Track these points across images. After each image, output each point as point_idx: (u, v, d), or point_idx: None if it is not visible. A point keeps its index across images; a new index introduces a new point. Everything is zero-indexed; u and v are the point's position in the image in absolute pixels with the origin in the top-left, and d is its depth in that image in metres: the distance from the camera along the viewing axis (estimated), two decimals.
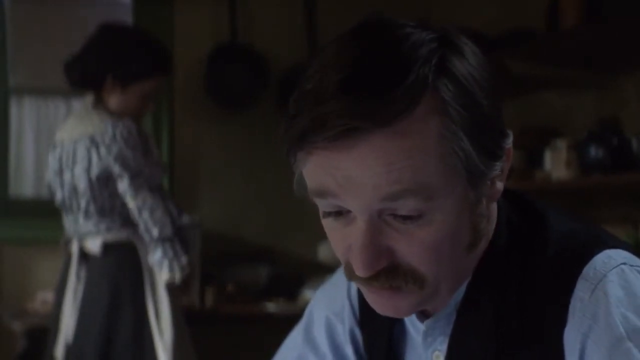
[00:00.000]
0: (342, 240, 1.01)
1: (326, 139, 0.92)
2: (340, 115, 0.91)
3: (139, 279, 3.01)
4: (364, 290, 1.05)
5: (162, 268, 2.94)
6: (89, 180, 2.96)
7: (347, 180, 0.94)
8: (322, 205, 1.00)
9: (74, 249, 3.07)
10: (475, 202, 1.00)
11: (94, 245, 3.02)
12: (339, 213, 0.99)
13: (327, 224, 1.02)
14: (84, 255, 3.07)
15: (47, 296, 3.59)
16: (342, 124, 0.91)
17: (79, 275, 3.05)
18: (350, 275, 1.01)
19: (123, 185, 2.94)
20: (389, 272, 0.98)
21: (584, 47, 3.48)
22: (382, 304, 1.04)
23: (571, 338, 0.98)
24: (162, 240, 2.93)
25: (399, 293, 1.01)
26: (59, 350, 3.03)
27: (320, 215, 1.02)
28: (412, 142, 0.92)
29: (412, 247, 0.97)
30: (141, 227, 2.95)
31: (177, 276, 2.95)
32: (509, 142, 1.02)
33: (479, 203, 1.01)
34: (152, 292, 2.99)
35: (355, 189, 0.94)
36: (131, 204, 2.95)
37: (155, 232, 2.93)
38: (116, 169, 2.92)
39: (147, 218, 2.93)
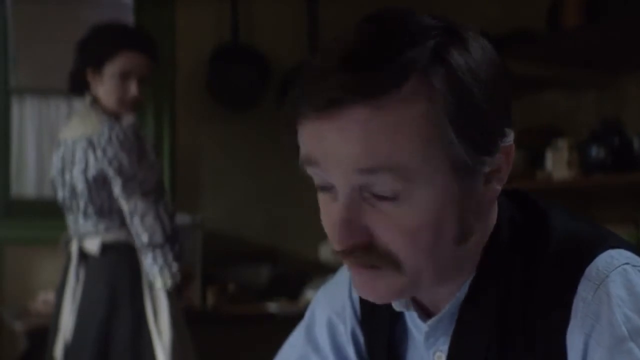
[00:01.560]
0: (328, 216, 1.03)
1: (313, 109, 0.97)
2: (328, 87, 0.95)
3: (138, 279, 3.00)
4: (350, 271, 1.06)
5: (152, 275, 2.94)
6: (87, 181, 2.96)
7: (329, 150, 0.97)
8: (313, 176, 1.03)
9: (74, 249, 3.07)
10: (462, 195, 0.99)
11: (92, 246, 3.02)
12: (328, 189, 1.02)
13: (319, 199, 1.05)
14: (83, 256, 3.06)
15: (48, 296, 3.58)
16: (329, 96, 0.94)
17: (78, 276, 3.05)
18: (334, 252, 1.03)
19: (117, 189, 2.94)
20: (365, 249, 1.00)
21: (586, 47, 3.48)
22: (362, 285, 1.04)
23: (573, 338, 0.98)
24: (152, 246, 2.92)
25: (378, 275, 1.02)
26: (58, 350, 3.03)
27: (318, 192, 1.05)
28: (393, 120, 0.94)
29: (389, 230, 0.98)
30: (132, 232, 2.96)
31: (168, 283, 2.94)
32: (508, 140, 1.02)
33: (466, 197, 1.00)
34: (151, 292, 2.99)
35: (335, 160, 0.97)
36: (124, 207, 2.96)
37: (144, 238, 2.93)
38: (110, 171, 2.92)
39: (138, 224, 2.93)
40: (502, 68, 1.02)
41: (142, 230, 2.92)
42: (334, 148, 0.96)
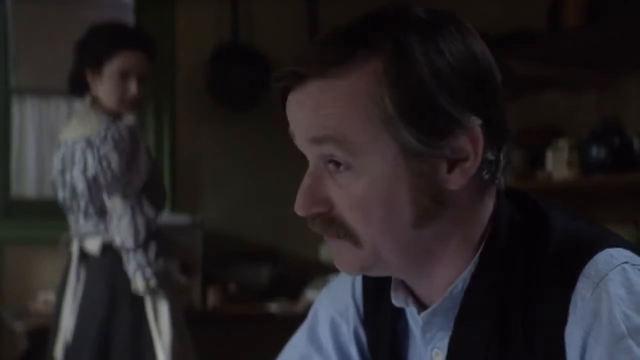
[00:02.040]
0: None
1: (285, 85, 1.05)
2: (296, 63, 1.03)
3: None
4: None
5: (130, 276, 2.94)
6: (86, 181, 2.96)
7: (294, 122, 1.06)
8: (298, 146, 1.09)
9: (74, 249, 3.07)
10: (413, 176, 1.02)
11: (93, 246, 3.02)
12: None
13: None
14: (83, 256, 3.06)
15: (48, 296, 3.58)
16: (295, 71, 1.02)
17: (78, 276, 3.05)
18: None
19: (104, 187, 2.95)
20: (324, 219, 1.06)
21: (586, 47, 3.48)
22: (335, 256, 1.10)
23: (572, 335, 0.99)
24: (124, 249, 2.92)
25: (342, 246, 1.07)
26: (58, 350, 3.03)
27: None
28: (339, 93, 1.01)
29: (343, 200, 1.04)
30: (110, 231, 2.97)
31: (140, 286, 2.93)
32: (471, 127, 1.02)
33: (419, 179, 1.02)
34: (152, 292, 2.98)
35: (298, 131, 1.06)
36: (107, 205, 2.97)
37: (117, 240, 2.92)
38: (98, 169, 2.92)
39: (115, 225, 2.93)
40: (484, 60, 1.05)
41: (116, 232, 2.92)
42: (296, 119, 1.05)
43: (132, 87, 3.04)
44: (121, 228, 2.91)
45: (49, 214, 3.83)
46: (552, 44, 3.61)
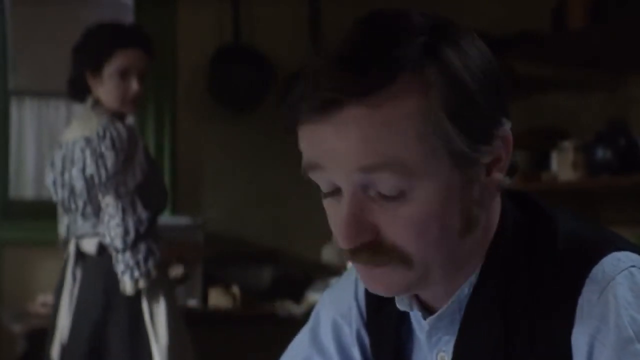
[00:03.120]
0: (335, 218, 1.03)
1: (308, 112, 0.98)
2: (324, 88, 0.96)
3: None
4: (358, 269, 1.06)
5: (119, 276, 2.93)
6: (85, 180, 2.95)
7: (329, 152, 0.98)
8: (318, 182, 1.03)
9: (71, 249, 3.07)
10: (464, 186, 1.00)
11: (90, 246, 3.02)
12: (334, 192, 1.02)
13: (325, 204, 1.05)
14: (80, 256, 3.06)
15: (47, 298, 3.57)
16: (325, 96, 0.96)
17: (74, 276, 3.05)
18: (342, 252, 1.03)
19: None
20: (372, 248, 1.00)
21: (591, 48, 3.49)
22: (372, 280, 1.05)
23: (579, 339, 0.98)
24: (114, 249, 2.92)
25: (386, 271, 1.02)
26: (55, 351, 3.02)
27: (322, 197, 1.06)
28: (387, 117, 0.95)
29: (396, 226, 0.99)
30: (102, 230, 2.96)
31: (127, 287, 2.91)
32: (505, 129, 1.02)
33: (468, 188, 1.01)
34: (148, 293, 2.97)
35: (336, 161, 0.98)
36: (102, 204, 2.95)
37: (107, 239, 2.92)
38: (94, 167, 2.91)
39: (105, 224, 2.93)
40: (493, 60, 1.04)
41: (107, 232, 2.92)
42: (333, 149, 0.98)
43: (134, 85, 3.04)
44: (111, 228, 2.91)
45: (47, 216, 3.81)
46: (558, 44, 3.61)
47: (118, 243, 2.90)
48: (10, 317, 3.73)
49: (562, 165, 3.46)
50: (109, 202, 2.93)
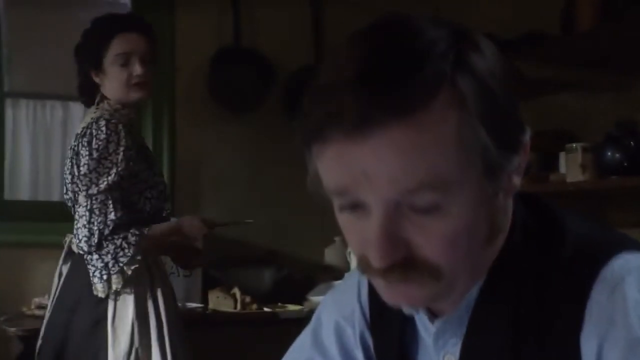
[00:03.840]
0: (357, 234, 0.99)
1: (341, 131, 0.92)
2: (356, 107, 0.90)
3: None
4: (378, 282, 1.02)
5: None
6: (69, 178, 2.95)
7: (363, 173, 0.93)
8: (338, 198, 0.99)
9: (65, 246, 3.05)
10: (493, 195, 0.99)
11: (74, 244, 2.98)
12: (355, 207, 0.98)
13: (343, 218, 1.01)
14: (70, 254, 3.04)
15: (43, 300, 3.56)
16: (357, 116, 0.90)
17: (61, 273, 3.04)
18: (366, 269, 1.00)
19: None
20: (404, 264, 0.97)
21: (600, 49, 3.48)
22: (397, 295, 1.02)
23: (588, 341, 0.97)
24: (81, 250, 2.89)
25: (413, 286, 0.99)
26: (37, 347, 3.01)
27: (336, 209, 1.01)
28: (429, 135, 0.92)
29: (429, 240, 0.96)
30: None
31: (98, 289, 2.87)
32: (527, 136, 1.01)
33: (496, 196, 1.00)
34: (115, 297, 2.90)
35: (370, 183, 0.93)
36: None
37: (75, 239, 2.90)
38: (70, 164, 2.91)
39: (75, 224, 2.90)
40: (506, 61, 1.01)
41: (75, 232, 2.89)
42: (368, 171, 0.93)
43: (137, 67, 2.98)
44: (78, 230, 2.88)
45: (42, 218, 3.82)
46: (566, 46, 3.60)
47: (83, 245, 2.86)
48: (5, 318, 3.72)
49: (571, 167, 3.45)
50: (80, 202, 2.89)
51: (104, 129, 2.88)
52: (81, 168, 2.88)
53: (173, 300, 3.12)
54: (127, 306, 2.91)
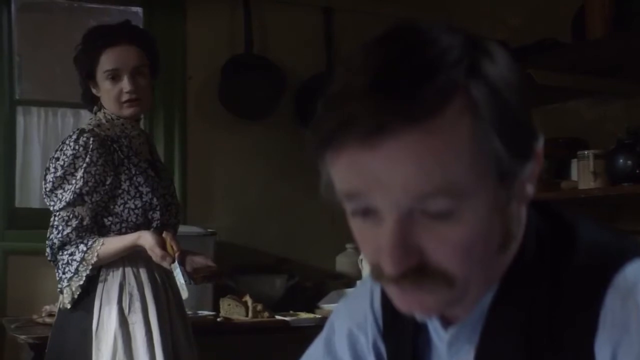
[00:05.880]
0: (370, 240, 0.99)
1: (355, 138, 0.92)
2: (369, 114, 0.91)
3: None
4: (391, 289, 1.02)
5: None
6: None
7: (376, 180, 0.93)
8: (351, 205, 0.99)
9: None
10: (506, 203, 0.99)
11: None
12: (368, 213, 0.97)
13: (356, 224, 1.01)
14: None
15: (53, 308, 3.55)
16: (371, 122, 0.91)
17: None
18: (378, 276, 1.00)
19: None
20: (417, 271, 0.97)
21: (611, 57, 3.47)
22: (410, 302, 1.01)
23: (602, 348, 0.97)
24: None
25: (426, 292, 0.99)
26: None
27: (348, 215, 1.01)
28: (442, 142, 0.92)
29: (442, 247, 0.96)
30: None
31: (65, 298, 2.87)
32: (540, 144, 1.01)
33: (509, 204, 1.00)
34: (100, 305, 2.88)
35: (384, 189, 0.94)
36: None
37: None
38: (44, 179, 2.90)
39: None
40: (521, 73, 1.01)
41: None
42: (382, 178, 0.93)
43: (125, 84, 2.91)
44: (47, 238, 2.90)
45: None
46: (578, 53, 3.59)
47: (48, 254, 2.89)
48: (16, 326, 3.73)
49: (583, 174, 3.45)
50: (52, 214, 2.91)
51: (72, 144, 2.85)
52: (47, 184, 2.87)
53: (177, 307, 3.05)
54: (110, 316, 2.87)
